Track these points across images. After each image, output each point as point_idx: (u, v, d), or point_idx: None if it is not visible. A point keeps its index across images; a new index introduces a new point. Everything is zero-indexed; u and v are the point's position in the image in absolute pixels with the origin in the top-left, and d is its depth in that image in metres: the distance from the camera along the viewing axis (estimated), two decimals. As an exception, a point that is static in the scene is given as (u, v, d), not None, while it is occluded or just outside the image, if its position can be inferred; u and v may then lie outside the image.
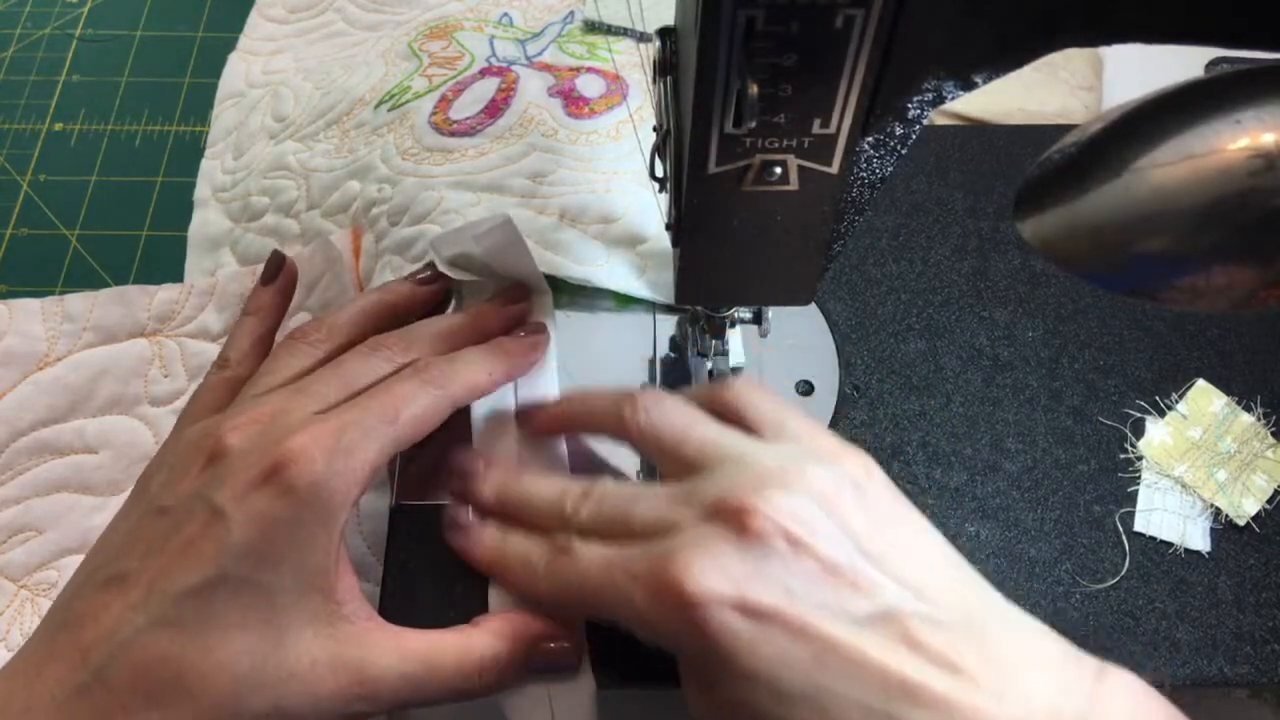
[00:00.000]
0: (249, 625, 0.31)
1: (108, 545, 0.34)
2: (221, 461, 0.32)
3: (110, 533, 0.34)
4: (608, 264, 0.46)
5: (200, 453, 0.33)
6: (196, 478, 0.33)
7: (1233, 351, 0.45)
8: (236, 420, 0.34)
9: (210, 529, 0.31)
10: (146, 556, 0.31)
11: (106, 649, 0.30)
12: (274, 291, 0.43)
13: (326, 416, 0.33)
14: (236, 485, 0.31)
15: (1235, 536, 0.41)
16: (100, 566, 0.32)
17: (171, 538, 0.31)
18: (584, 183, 0.48)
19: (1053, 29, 0.27)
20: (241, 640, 0.31)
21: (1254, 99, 0.24)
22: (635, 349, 0.46)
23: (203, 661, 0.30)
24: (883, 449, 0.43)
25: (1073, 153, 0.27)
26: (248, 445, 0.33)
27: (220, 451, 0.33)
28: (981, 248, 0.49)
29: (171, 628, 0.30)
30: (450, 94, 0.52)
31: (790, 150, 0.29)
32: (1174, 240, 0.24)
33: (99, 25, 0.66)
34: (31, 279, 0.55)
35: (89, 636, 0.30)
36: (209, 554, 0.31)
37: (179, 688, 0.30)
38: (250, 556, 0.31)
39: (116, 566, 0.32)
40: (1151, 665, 0.39)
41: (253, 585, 0.31)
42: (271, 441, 0.32)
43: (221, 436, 0.33)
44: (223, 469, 0.32)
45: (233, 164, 0.57)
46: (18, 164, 0.60)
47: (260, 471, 0.31)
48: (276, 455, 0.31)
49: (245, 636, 0.31)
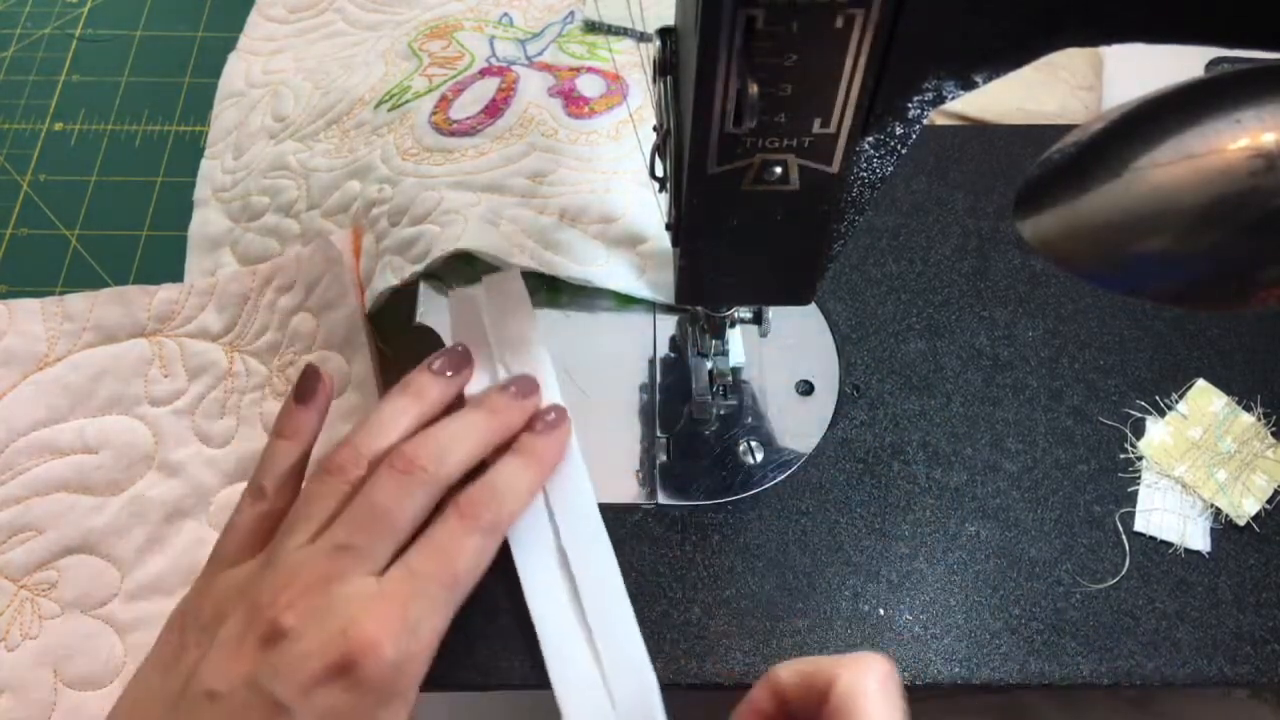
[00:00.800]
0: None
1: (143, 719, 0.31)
2: (279, 646, 0.30)
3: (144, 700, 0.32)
4: (608, 264, 0.46)
5: (252, 628, 0.31)
6: (251, 661, 0.30)
7: (1233, 351, 0.45)
8: (288, 593, 0.31)
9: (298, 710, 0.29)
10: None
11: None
12: (311, 413, 0.39)
13: (387, 593, 0.31)
14: (301, 679, 0.29)
15: (1235, 536, 0.41)
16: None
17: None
18: (584, 182, 0.48)
19: (1053, 29, 0.27)
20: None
21: (1254, 99, 0.24)
22: (635, 349, 0.46)
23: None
24: (883, 449, 0.43)
25: (1073, 153, 0.27)
26: (306, 628, 0.30)
27: (277, 633, 0.30)
28: (981, 248, 0.49)
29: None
30: (450, 94, 0.52)
31: (790, 150, 0.29)
32: (1174, 240, 0.24)
33: (99, 25, 0.66)
34: (31, 279, 0.55)
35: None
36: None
37: None
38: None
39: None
40: (1151, 665, 0.39)
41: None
42: (336, 629, 0.30)
43: (277, 617, 0.31)
44: (282, 657, 0.30)
45: (233, 164, 0.57)
46: (18, 164, 0.60)
47: (326, 665, 0.30)
48: (344, 648, 0.30)
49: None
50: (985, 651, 0.39)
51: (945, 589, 0.40)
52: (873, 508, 0.42)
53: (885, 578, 0.40)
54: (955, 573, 0.40)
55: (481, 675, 0.38)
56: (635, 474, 0.42)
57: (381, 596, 0.32)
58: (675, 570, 0.40)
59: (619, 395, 0.44)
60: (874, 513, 0.42)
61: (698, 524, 0.41)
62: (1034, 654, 0.39)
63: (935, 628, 0.39)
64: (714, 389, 0.43)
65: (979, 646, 0.39)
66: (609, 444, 0.43)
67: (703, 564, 0.40)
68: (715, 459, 0.43)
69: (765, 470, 0.43)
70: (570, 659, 0.37)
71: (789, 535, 0.41)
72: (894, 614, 0.39)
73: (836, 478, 0.43)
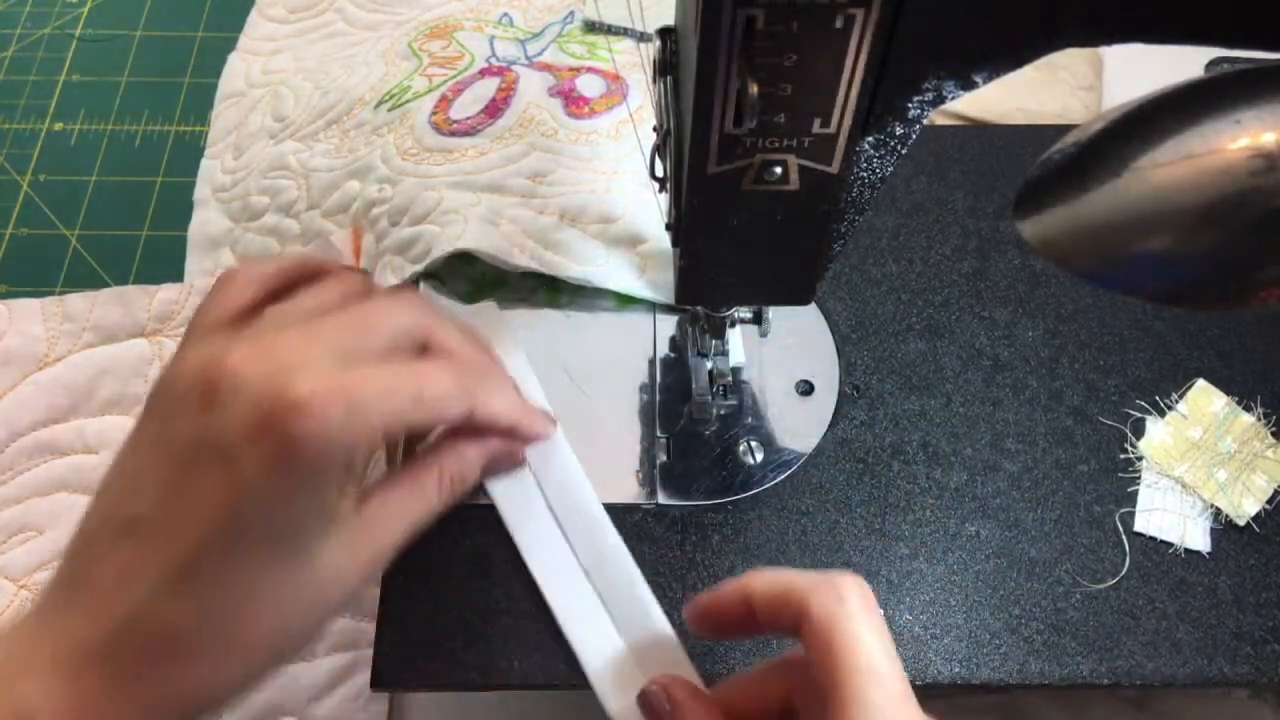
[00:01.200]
0: (272, 563, 0.30)
1: (117, 483, 0.32)
2: (226, 398, 0.30)
3: (119, 467, 0.32)
4: (607, 264, 0.46)
5: (206, 384, 0.30)
6: (200, 415, 0.30)
7: (1233, 351, 0.45)
8: (244, 350, 0.30)
9: (225, 471, 0.29)
10: (158, 503, 0.30)
11: (128, 603, 0.29)
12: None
13: (347, 370, 0.31)
14: (244, 427, 0.29)
15: (1235, 536, 0.41)
16: (111, 513, 0.31)
17: (181, 483, 0.30)
18: (584, 183, 0.48)
19: (1053, 29, 0.27)
20: (265, 580, 0.30)
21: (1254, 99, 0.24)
22: (635, 349, 0.46)
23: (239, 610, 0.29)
24: (883, 449, 0.43)
25: (1073, 153, 0.27)
26: (255, 382, 0.30)
27: (225, 385, 0.30)
28: (981, 248, 0.49)
29: (194, 583, 0.29)
30: (450, 94, 0.52)
31: (790, 150, 0.29)
32: (1174, 240, 0.24)
33: (99, 25, 0.66)
34: (31, 279, 0.55)
35: (107, 586, 0.29)
36: (222, 502, 0.29)
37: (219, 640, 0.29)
38: (264, 503, 0.29)
39: (127, 511, 0.30)
40: (1151, 665, 0.39)
41: (269, 527, 0.30)
42: (283, 382, 0.29)
43: (227, 366, 0.30)
44: (229, 408, 0.30)
45: (233, 164, 0.57)
46: (18, 164, 0.60)
47: (269, 413, 0.29)
48: (289, 398, 0.29)
49: (270, 573, 0.30)
50: (985, 651, 0.39)
51: (945, 589, 0.40)
52: (873, 508, 0.42)
53: (885, 578, 0.40)
54: (955, 573, 0.40)
55: (481, 675, 0.38)
56: (635, 474, 0.42)
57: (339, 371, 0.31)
58: (675, 570, 0.40)
59: (619, 395, 0.44)
60: (874, 513, 0.42)
61: (698, 524, 0.41)
62: (1034, 654, 0.39)
63: (935, 628, 0.39)
64: (714, 389, 0.43)
65: (979, 646, 0.39)
66: (609, 444, 0.43)
67: (703, 564, 0.40)
68: (715, 459, 0.43)
69: (765, 470, 0.43)
70: (581, 613, 0.38)
71: (789, 535, 0.41)
72: (894, 614, 0.39)
73: (836, 478, 0.43)
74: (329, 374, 0.30)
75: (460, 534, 0.41)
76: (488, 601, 0.39)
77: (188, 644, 0.29)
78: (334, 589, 0.31)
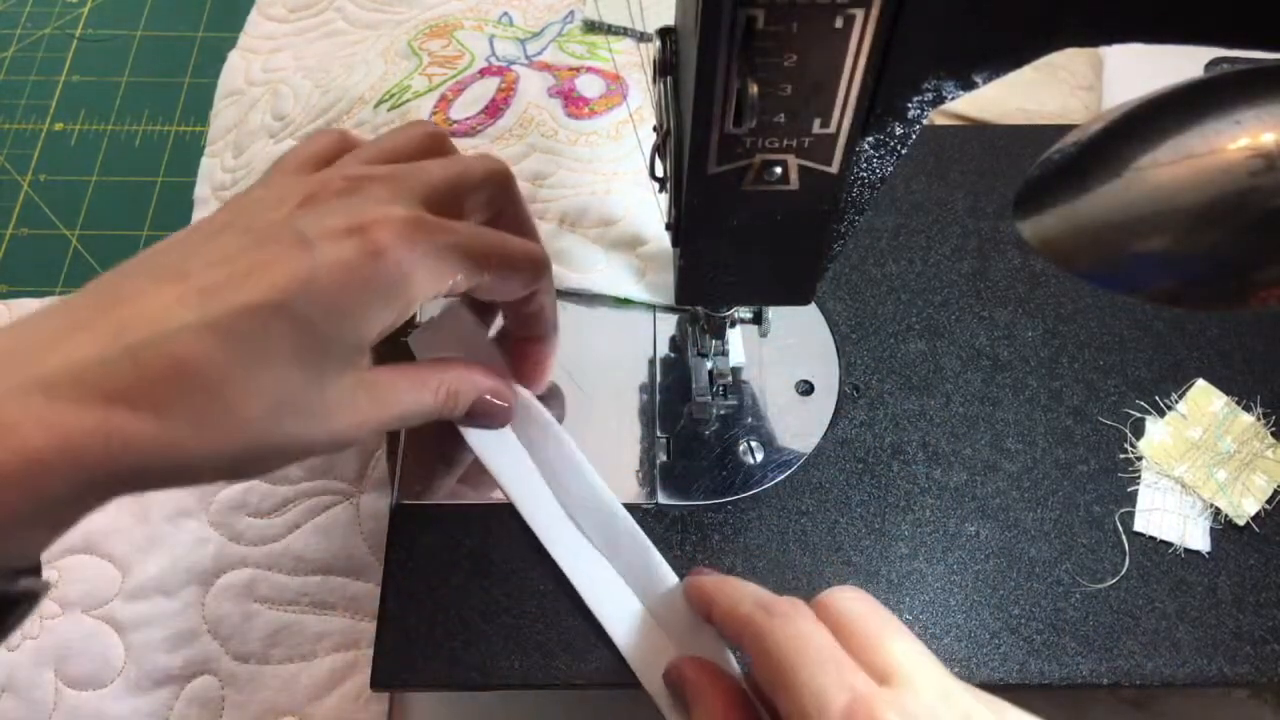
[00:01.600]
0: (296, 360, 0.30)
1: (173, 246, 0.31)
2: (323, 201, 0.31)
3: (179, 237, 0.32)
4: (607, 268, 0.46)
5: (303, 188, 0.32)
6: (293, 210, 0.31)
7: (1233, 351, 0.45)
8: (344, 171, 0.33)
9: (292, 256, 0.29)
10: (216, 264, 0.29)
11: (145, 330, 0.27)
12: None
13: (440, 219, 0.33)
14: (333, 226, 0.30)
15: (1235, 536, 0.41)
16: (159, 261, 0.30)
17: (249, 252, 0.29)
18: (584, 184, 0.48)
19: (1053, 29, 0.27)
20: (284, 371, 0.29)
21: (1254, 99, 0.24)
22: (635, 349, 0.46)
23: (244, 379, 0.29)
24: (883, 449, 0.43)
25: (1073, 153, 0.27)
26: (354, 197, 0.32)
27: (325, 193, 0.32)
28: (981, 248, 0.49)
29: (221, 336, 0.28)
30: (450, 94, 0.52)
31: (790, 150, 0.29)
32: (1174, 240, 0.24)
33: (99, 25, 0.66)
34: (31, 279, 0.55)
35: (126, 315, 0.28)
36: (282, 279, 0.29)
37: (217, 396, 0.28)
38: (321, 297, 0.30)
39: (180, 265, 0.29)
40: (1151, 665, 0.39)
41: (312, 325, 0.30)
42: (377, 203, 0.31)
43: (329, 180, 0.32)
44: (323, 208, 0.31)
45: (233, 162, 0.57)
46: (18, 164, 0.60)
47: (359, 223, 0.30)
48: (379, 215, 0.30)
49: (290, 369, 0.30)
50: (985, 651, 0.39)
51: (945, 589, 0.40)
52: (873, 508, 0.42)
53: (885, 578, 0.40)
54: (955, 573, 0.40)
55: (481, 675, 0.38)
56: (635, 474, 0.42)
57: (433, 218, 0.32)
58: (675, 570, 0.40)
59: (619, 395, 0.44)
60: (874, 513, 0.42)
61: (698, 524, 0.41)
62: (1034, 654, 0.39)
63: (935, 628, 0.39)
64: (714, 389, 0.43)
65: (979, 646, 0.39)
66: (609, 444, 0.43)
67: (703, 564, 0.40)
68: (715, 459, 0.43)
69: (765, 470, 0.43)
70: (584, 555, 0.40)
71: (789, 535, 0.41)
72: (894, 614, 0.39)
73: (836, 478, 0.43)
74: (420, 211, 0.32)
75: (460, 534, 0.41)
76: (488, 601, 0.39)
77: (178, 394, 0.28)
78: (329, 420, 0.31)
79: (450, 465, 0.42)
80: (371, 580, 0.45)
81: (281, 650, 0.44)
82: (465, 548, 0.40)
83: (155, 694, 0.44)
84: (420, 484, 0.42)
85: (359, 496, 0.47)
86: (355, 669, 0.44)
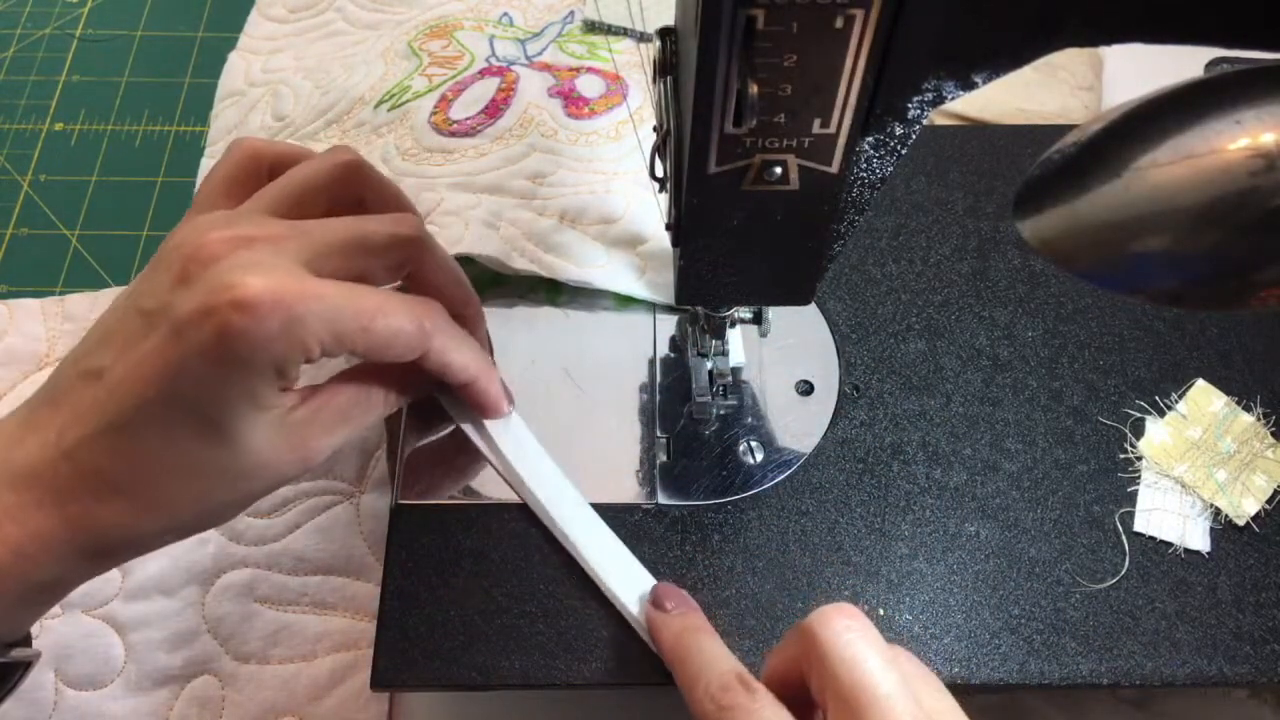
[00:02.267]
0: (199, 436, 0.31)
1: (96, 332, 0.34)
2: (196, 275, 0.31)
3: (104, 316, 0.34)
4: (608, 265, 0.46)
5: (184, 259, 0.32)
6: (172, 286, 0.32)
7: (1233, 351, 0.45)
8: (223, 234, 0.32)
9: (170, 345, 0.31)
10: (118, 357, 0.32)
11: (76, 434, 0.31)
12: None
13: (304, 279, 0.32)
14: (194, 308, 0.30)
15: (1235, 536, 0.41)
16: (84, 355, 0.33)
17: (139, 343, 0.31)
18: (584, 183, 0.48)
19: (1053, 29, 0.27)
20: (191, 445, 0.32)
21: (1254, 99, 0.24)
22: (635, 349, 0.46)
23: (159, 463, 0.31)
24: (883, 449, 0.43)
25: (1073, 153, 0.27)
26: (219, 269, 0.31)
27: (199, 263, 0.31)
28: (981, 248, 0.49)
29: (129, 433, 0.31)
30: (450, 94, 0.52)
31: (790, 150, 0.29)
32: (1174, 240, 0.24)
33: (99, 25, 0.66)
34: (31, 279, 0.55)
35: (65, 418, 0.32)
36: (166, 370, 0.31)
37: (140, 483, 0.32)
38: (196, 381, 0.31)
39: (94, 359, 0.32)
40: (1151, 665, 0.39)
41: (200, 404, 0.31)
42: (238, 277, 0.30)
43: (205, 246, 0.32)
44: (190, 287, 0.31)
45: (233, 164, 0.57)
46: (18, 164, 0.60)
47: (214, 303, 0.30)
48: (236, 294, 0.30)
49: (195, 443, 0.31)
50: (985, 651, 0.39)
51: (945, 589, 0.40)
52: (873, 508, 0.42)
53: (885, 578, 0.40)
54: (955, 573, 0.40)
55: (481, 675, 0.38)
56: (635, 474, 0.42)
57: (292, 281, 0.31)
58: (675, 570, 0.40)
59: (619, 395, 0.44)
60: (874, 513, 0.42)
61: (698, 524, 0.41)
62: (1034, 654, 0.39)
63: (935, 628, 0.39)
64: (714, 389, 0.43)
65: (979, 646, 0.39)
66: (609, 444, 0.43)
67: (703, 564, 0.40)
68: (715, 459, 0.43)
69: (765, 470, 0.43)
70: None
71: (789, 535, 0.41)
72: (894, 614, 0.39)
73: (836, 478, 0.43)
74: (284, 278, 0.31)
75: (460, 534, 0.41)
76: (488, 601, 0.39)
77: (113, 485, 0.31)
78: (261, 472, 0.33)
79: (450, 465, 0.42)
80: (371, 580, 0.45)
81: (281, 650, 0.44)
82: (465, 548, 0.40)
83: (155, 694, 0.44)
84: (420, 484, 0.42)
85: (359, 496, 0.47)
86: (355, 669, 0.44)
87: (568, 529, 0.40)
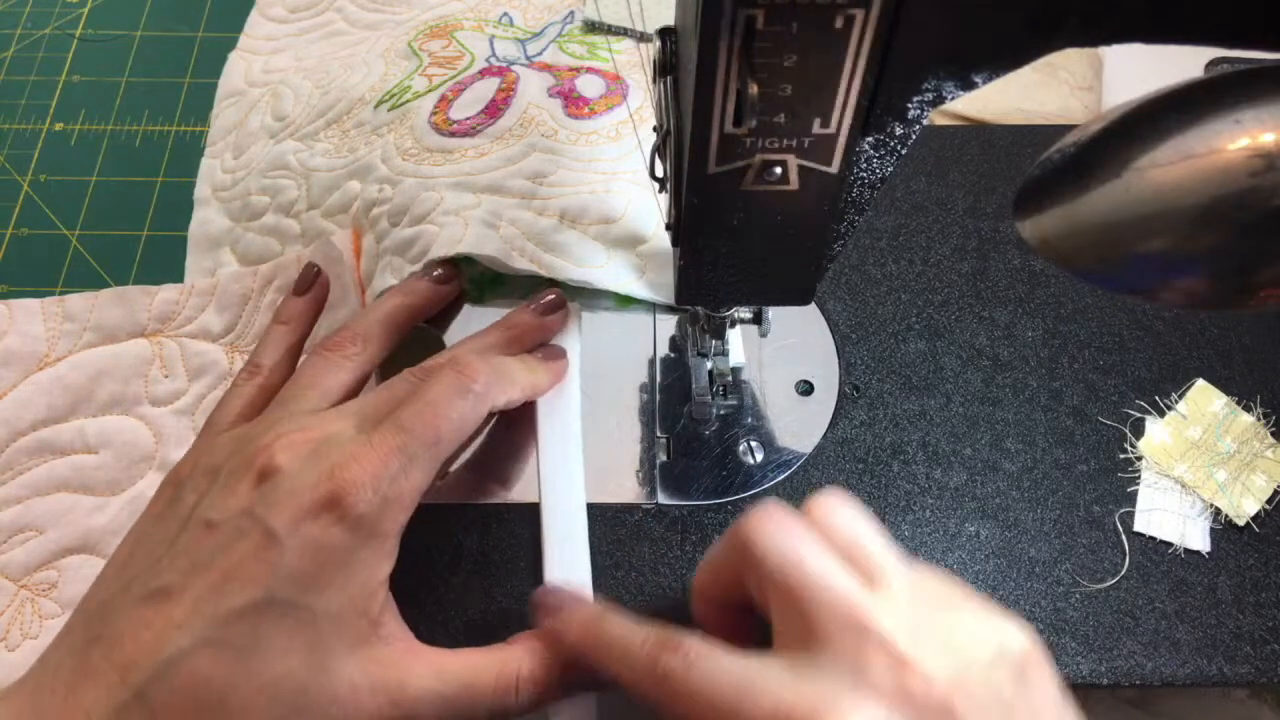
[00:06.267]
0: (293, 649, 0.30)
1: (143, 555, 0.33)
2: (273, 481, 0.32)
3: (143, 541, 0.33)
4: (608, 265, 0.46)
5: (249, 467, 0.33)
6: (246, 495, 0.32)
7: (1233, 351, 0.45)
8: (287, 436, 0.33)
9: (263, 551, 0.30)
10: (191, 573, 0.31)
11: (149, 668, 0.29)
12: (307, 301, 0.44)
13: (373, 441, 0.33)
14: (291, 510, 0.31)
15: (1235, 536, 0.41)
16: (138, 578, 0.32)
17: (219, 556, 0.31)
18: (584, 183, 0.48)
19: (1053, 29, 0.27)
20: (285, 664, 0.30)
21: (1254, 99, 0.24)
22: (635, 349, 0.46)
23: (247, 685, 0.30)
24: (883, 449, 0.43)
25: (1073, 153, 0.27)
26: (300, 468, 0.32)
27: (271, 469, 0.32)
28: (981, 248, 0.49)
29: (217, 649, 0.30)
30: (450, 94, 0.52)
31: (790, 150, 0.29)
32: (1174, 240, 0.24)
33: (99, 25, 0.66)
34: (31, 279, 0.55)
35: (128, 654, 0.30)
36: (260, 576, 0.30)
37: (223, 711, 0.30)
38: (301, 581, 0.30)
39: (158, 581, 0.31)
40: (1151, 665, 0.39)
41: (300, 610, 0.30)
42: (325, 469, 0.32)
43: (273, 453, 0.32)
44: (275, 490, 0.31)
45: (233, 163, 0.57)
46: (18, 164, 0.60)
47: (315, 500, 0.31)
48: (333, 485, 0.31)
49: (289, 660, 0.30)
50: (985, 651, 0.39)
51: (945, 589, 0.40)
52: (873, 508, 0.42)
53: (885, 578, 0.40)
54: (955, 573, 0.40)
55: (481, 675, 0.38)
56: (635, 474, 0.42)
57: (368, 444, 0.33)
58: (675, 570, 0.40)
59: (619, 395, 0.44)
60: (874, 513, 0.42)
61: (698, 524, 0.41)
62: (1034, 654, 0.39)
63: (935, 628, 0.39)
64: (714, 389, 0.43)
65: (979, 646, 0.39)
66: (609, 444, 0.43)
67: (702, 564, 0.40)
68: (715, 459, 0.43)
69: (765, 470, 0.43)
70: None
71: (789, 535, 0.41)
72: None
73: (836, 478, 0.43)
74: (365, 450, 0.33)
75: (460, 534, 0.41)
76: (488, 601, 0.39)
77: (199, 706, 0.29)
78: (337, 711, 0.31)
79: (450, 465, 0.42)
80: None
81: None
82: (465, 548, 0.40)
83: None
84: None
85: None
86: (355, 669, 0.44)
87: (548, 519, 0.39)
